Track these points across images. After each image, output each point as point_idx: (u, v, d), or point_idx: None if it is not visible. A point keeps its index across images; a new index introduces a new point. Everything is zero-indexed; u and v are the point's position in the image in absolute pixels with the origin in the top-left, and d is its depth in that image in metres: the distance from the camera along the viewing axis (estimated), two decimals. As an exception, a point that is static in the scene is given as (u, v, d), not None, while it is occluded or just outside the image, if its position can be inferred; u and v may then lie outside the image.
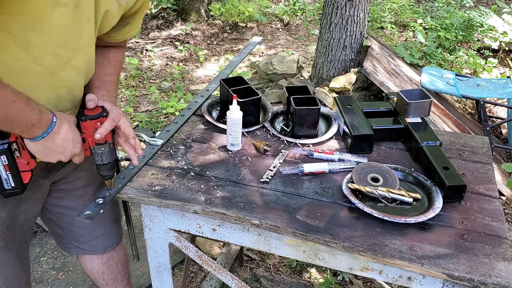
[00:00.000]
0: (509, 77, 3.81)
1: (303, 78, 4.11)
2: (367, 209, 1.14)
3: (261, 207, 1.18)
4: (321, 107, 1.55)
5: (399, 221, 1.11)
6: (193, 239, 1.90)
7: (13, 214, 1.23)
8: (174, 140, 1.49)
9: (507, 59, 5.03)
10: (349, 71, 3.73)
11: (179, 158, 1.39)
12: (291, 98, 1.53)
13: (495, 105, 3.89)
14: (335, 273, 2.26)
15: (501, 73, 4.66)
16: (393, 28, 6.03)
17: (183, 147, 1.45)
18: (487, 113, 3.62)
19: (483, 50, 5.12)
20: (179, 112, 2.72)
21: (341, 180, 1.28)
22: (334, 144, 1.50)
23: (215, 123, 1.56)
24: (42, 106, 1.00)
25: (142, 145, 3.39)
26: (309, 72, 4.11)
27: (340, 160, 1.39)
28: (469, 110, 4.09)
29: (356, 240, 1.08)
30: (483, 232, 1.11)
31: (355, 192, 1.22)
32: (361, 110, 1.56)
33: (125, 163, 1.39)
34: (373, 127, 1.46)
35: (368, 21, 4.42)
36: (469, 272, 1.00)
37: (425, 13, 6.27)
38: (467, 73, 4.65)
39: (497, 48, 4.98)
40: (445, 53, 4.88)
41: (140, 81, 4.65)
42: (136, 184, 1.26)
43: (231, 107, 1.40)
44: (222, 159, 1.39)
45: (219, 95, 1.69)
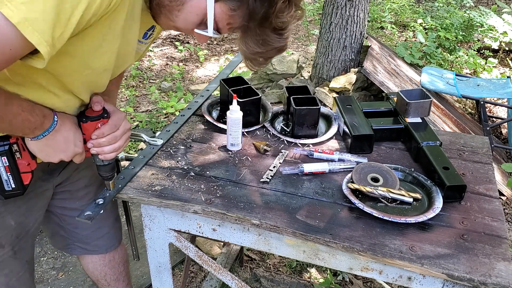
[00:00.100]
0: (509, 77, 3.81)
1: (303, 78, 4.11)
2: (367, 209, 1.14)
3: (261, 207, 1.18)
4: (321, 107, 1.55)
5: (399, 221, 1.11)
6: (193, 239, 1.90)
7: (23, 222, 1.22)
8: (174, 140, 1.49)
9: (507, 59, 5.03)
10: (349, 71, 3.73)
11: (179, 158, 1.39)
12: (291, 98, 1.53)
13: (495, 105, 3.89)
14: (335, 273, 2.26)
15: (501, 73, 4.66)
16: (393, 28, 6.03)
17: (183, 147, 1.45)
18: (487, 113, 3.62)
19: (483, 50, 5.12)
20: (179, 112, 2.72)
21: (341, 180, 1.28)
22: (334, 144, 1.50)
23: (215, 123, 1.56)
24: (45, 109, 1.00)
25: (142, 145, 3.37)
26: (309, 72, 4.11)
27: (340, 160, 1.39)
28: (469, 110, 4.09)
29: (356, 240, 1.08)
30: (483, 232, 1.11)
31: (355, 192, 1.22)
32: (361, 110, 1.56)
33: (125, 163, 1.39)
34: (373, 127, 1.46)
35: (368, 21, 4.42)
36: (469, 272, 1.00)
37: (425, 13, 6.28)
38: (467, 73, 4.65)
39: (497, 48, 4.98)
40: (445, 53, 4.88)
41: (140, 81, 4.65)
42: (136, 184, 1.26)
43: (231, 107, 1.40)
44: (222, 159, 1.39)
45: (219, 95, 1.69)
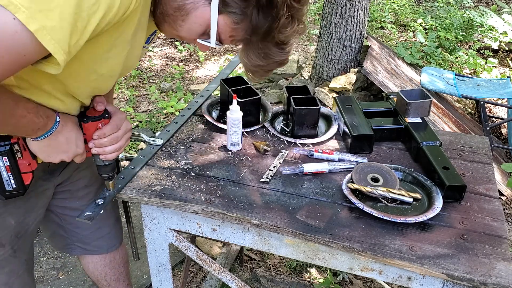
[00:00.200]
0: (509, 77, 3.81)
1: (303, 78, 4.11)
2: (367, 209, 1.14)
3: (261, 207, 1.18)
4: (321, 107, 1.56)
5: (399, 221, 1.11)
6: (193, 239, 1.90)
7: (23, 222, 1.22)
8: (174, 140, 1.49)
9: (507, 59, 5.03)
10: (349, 71, 3.73)
11: (179, 158, 1.39)
12: (291, 98, 1.53)
13: (495, 105, 3.89)
14: (335, 273, 2.26)
15: (501, 73, 4.66)
16: (393, 28, 6.03)
17: (183, 147, 1.45)
18: (487, 113, 3.63)
19: (483, 50, 5.12)
20: (179, 112, 2.72)
21: (341, 180, 1.28)
22: (334, 144, 1.50)
23: (215, 123, 1.56)
24: (48, 110, 1.00)
25: (142, 145, 3.37)
26: (309, 72, 4.11)
27: (340, 160, 1.39)
28: (469, 110, 4.09)
29: (356, 240, 1.08)
30: (483, 232, 1.11)
31: (355, 192, 1.22)
32: (361, 110, 1.56)
33: (125, 163, 1.39)
34: (373, 127, 1.46)
35: (368, 21, 4.42)
36: (469, 272, 1.00)
37: (425, 13, 6.28)
38: (467, 73, 4.65)
39: (497, 48, 4.98)
40: (445, 53, 4.88)
41: (140, 81, 4.65)
42: (136, 184, 1.26)
43: (231, 107, 1.40)
44: (222, 159, 1.39)
45: (219, 95, 1.69)
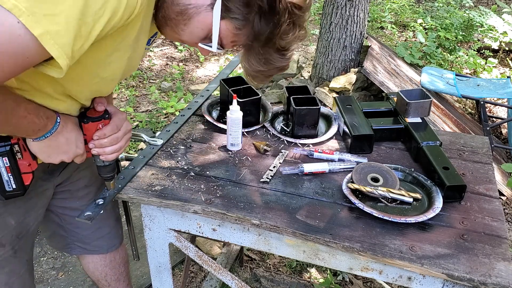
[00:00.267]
0: (509, 77, 3.81)
1: (303, 78, 4.11)
2: (367, 209, 1.14)
3: (261, 207, 1.18)
4: (321, 107, 1.55)
5: (399, 221, 1.11)
6: (193, 239, 1.90)
7: (23, 222, 1.22)
8: (174, 140, 1.49)
9: (507, 59, 5.04)
10: (349, 71, 3.73)
11: (179, 158, 1.39)
12: (291, 98, 1.53)
13: (495, 105, 3.89)
14: (335, 273, 2.26)
15: (501, 73, 4.66)
16: (393, 28, 6.03)
17: (183, 147, 1.45)
18: (487, 113, 3.62)
19: (483, 50, 5.12)
20: (179, 112, 2.72)
21: (341, 180, 1.28)
22: (334, 144, 1.50)
23: (215, 123, 1.56)
24: (49, 111, 1.00)
25: (142, 145, 3.37)
26: (309, 72, 4.11)
27: (340, 160, 1.39)
28: (469, 110, 4.09)
29: (356, 240, 1.08)
30: (483, 232, 1.11)
31: (355, 192, 1.22)
32: (361, 110, 1.56)
33: (125, 163, 1.39)
34: (373, 127, 1.46)
35: (368, 21, 4.42)
36: (469, 272, 1.00)
37: (425, 13, 6.28)
38: (467, 73, 4.65)
39: (497, 48, 4.98)
40: (445, 53, 4.88)
41: (140, 81, 4.65)
42: (136, 184, 1.26)
43: (231, 107, 1.40)
44: (222, 159, 1.39)
45: (219, 95, 1.69)
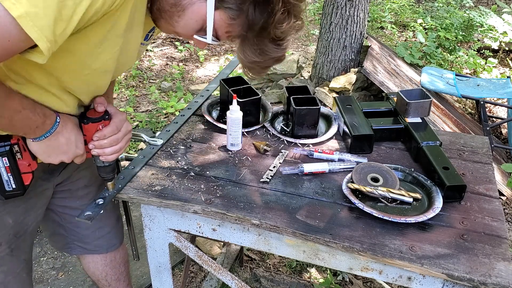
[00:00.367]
0: (509, 77, 3.81)
1: (303, 78, 4.11)
2: (367, 209, 1.14)
3: (261, 207, 1.18)
4: (321, 107, 1.55)
5: (399, 221, 1.11)
6: (193, 239, 1.90)
7: (21, 221, 1.22)
8: (174, 140, 1.49)
9: (507, 59, 5.03)
10: (349, 71, 3.73)
11: (179, 158, 1.39)
12: (291, 98, 1.53)
13: (495, 105, 3.89)
14: (335, 273, 2.26)
15: (501, 73, 4.66)
16: (393, 28, 6.03)
17: (183, 147, 1.45)
18: (487, 113, 3.62)
19: (483, 50, 5.12)
20: (179, 112, 2.72)
21: (341, 180, 1.28)
22: (334, 144, 1.50)
23: (215, 123, 1.56)
24: (46, 109, 1.00)
25: (142, 145, 3.37)
26: (309, 72, 4.11)
27: (340, 160, 1.39)
28: (469, 110, 4.09)
29: (356, 240, 1.08)
30: (483, 232, 1.11)
31: (355, 192, 1.22)
32: (361, 110, 1.56)
33: (125, 163, 1.39)
34: (373, 127, 1.46)
35: (368, 21, 4.42)
36: (469, 272, 1.00)
37: (425, 13, 6.28)
38: (467, 73, 4.65)
39: (497, 48, 4.98)
40: (445, 53, 4.88)
41: (140, 81, 4.65)
42: (136, 184, 1.26)
43: (231, 107, 1.40)
44: (222, 159, 1.39)
45: (219, 95, 1.69)
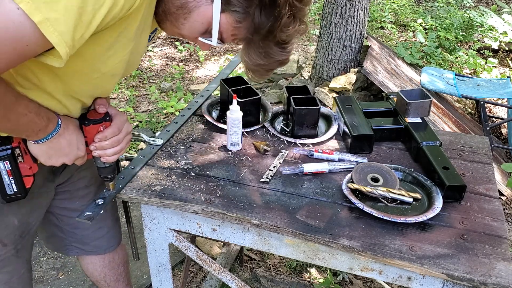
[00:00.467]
0: (509, 77, 3.81)
1: (303, 78, 4.11)
2: (367, 209, 1.14)
3: (261, 207, 1.18)
4: (321, 107, 1.55)
5: (399, 221, 1.11)
6: (193, 239, 1.90)
7: (26, 222, 1.22)
8: (174, 140, 1.49)
9: (507, 59, 5.03)
10: (349, 71, 3.73)
11: (179, 158, 1.39)
12: (291, 98, 1.53)
13: (495, 105, 3.89)
14: (335, 273, 2.26)
15: (501, 73, 4.66)
16: (393, 28, 6.03)
17: (183, 147, 1.45)
18: (487, 113, 3.62)
19: (483, 50, 5.12)
20: (179, 112, 2.72)
21: (341, 180, 1.28)
22: (334, 144, 1.50)
23: (215, 123, 1.56)
24: (50, 112, 1.00)
25: (142, 145, 3.37)
26: (309, 72, 4.11)
27: (340, 160, 1.39)
28: (469, 110, 4.09)
29: (356, 240, 1.08)
30: (483, 232, 1.11)
31: (355, 192, 1.22)
32: (361, 110, 1.56)
33: (125, 163, 1.39)
34: (373, 127, 1.46)
35: (368, 21, 4.42)
36: (469, 272, 1.00)
37: (425, 13, 6.28)
38: (467, 73, 4.65)
39: (497, 48, 4.98)
40: (445, 53, 4.88)
41: (140, 81, 4.65)
42: (136, 184, 1.26)
43: (231, 107, 1.40)
44: (222, 159, 1.39)
45: (219, 95, 1.69)
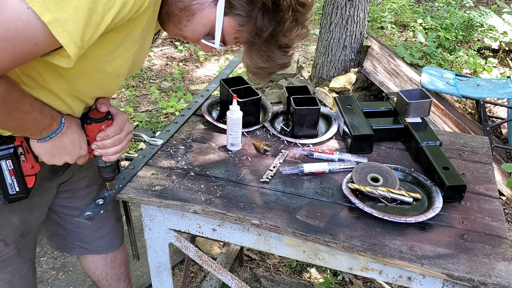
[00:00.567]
0: (509, 77, 3.81)
1: (303, 78, 4.11)
2: (367, 209, 1.14)
3: (261, 207, 1.18)
4: (321, 107, 1.56)
5: (399, 221, 1.11)
6: (193, 239, 1.90)
7: (26, 221, 1.22)
8: (174, 140, 1.49)
9: (507, 59, 5.03)
10: (349, 71, 3.73)
11: (179, 158, 1.39)
12: (291, 98, 1.53)
13: (495, 105, 3.89)
14: (335, 273, 2.26)
15: (501, 73, 4.66)
16: (393, 28, 6.03)
17: (183, 147, 1.45)
18: (487, 113, 3.62)
19: (483, 50, 5.12)
20: (179, 112, 2.72)
21: (341, 180, 1.28)
22: (334, 144, 1.50)
23: (215, 123, 1.56)
24: (54, 111, 1.01)
25: (142, 145, 3.37)
26: (309, 72, 4.11)
27: (340, 160, 1.39)
28: (469, 110, 4.09)
29: (356, 240, 1.08)
30: (483, 232, 1.11)
31: (355, 192, 1.22)
32: (361, 110, 1.56)
33: (125, 163, 1.39)
34: (373, 127, 1.46)
35: (368, 21, 4.42)
36: (469, 272, 1.00)
37: (425, 13, 6.28)
38: (467, 73, 4.65)
39: (497, 48, 4.98)
40: (445, 53, 4.88)
41: (140, 81, 4.65)
42: (136, 184, 1.26)
43: (231, 107, 1.40)
44: (222, 159, 1.39)
45: (219, 95, 1.69)
